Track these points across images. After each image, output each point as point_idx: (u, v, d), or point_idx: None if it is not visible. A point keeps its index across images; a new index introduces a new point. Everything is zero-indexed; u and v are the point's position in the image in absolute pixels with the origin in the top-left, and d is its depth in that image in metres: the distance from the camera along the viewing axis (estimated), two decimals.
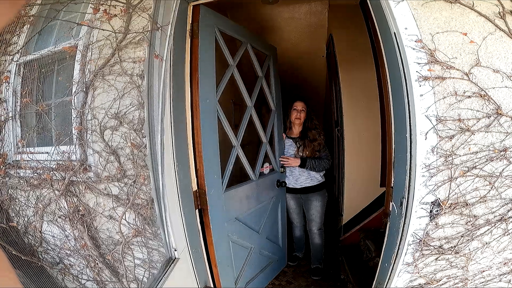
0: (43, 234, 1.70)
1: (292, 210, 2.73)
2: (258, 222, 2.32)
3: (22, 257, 1.53)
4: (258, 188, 2.29)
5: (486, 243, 1.31)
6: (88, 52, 1.49)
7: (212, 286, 1.89)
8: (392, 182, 1.51)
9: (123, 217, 1.47)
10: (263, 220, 2.38)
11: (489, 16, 1.17)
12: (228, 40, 2.00)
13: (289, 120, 2.65)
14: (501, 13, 1.16)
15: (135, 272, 1.55)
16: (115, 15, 1.45)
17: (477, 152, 1.22)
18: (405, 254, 1.34)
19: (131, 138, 1.42)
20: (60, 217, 1.60)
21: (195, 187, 1.73)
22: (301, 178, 2.56)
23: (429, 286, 1.39)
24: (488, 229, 1.29)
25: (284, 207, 2.69)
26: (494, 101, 1.19)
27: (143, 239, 1.52)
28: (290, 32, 3.37)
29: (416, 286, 1.40)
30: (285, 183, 2.58)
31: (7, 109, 1.69)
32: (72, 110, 1.50)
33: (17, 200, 1.71)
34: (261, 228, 2.35)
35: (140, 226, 1.50)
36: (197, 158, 1.72)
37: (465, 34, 1.18)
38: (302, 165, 2.49)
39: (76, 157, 1.52)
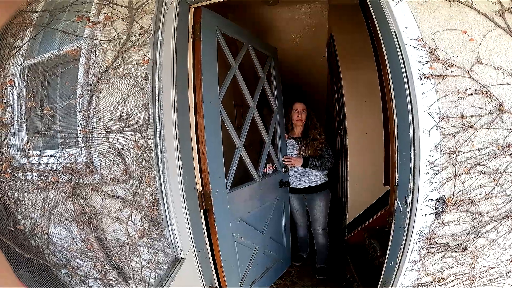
0: (50, 236, 1.72)
1: (296, 210, 2.73)
2: (262, 222, 2.33)
3: (25, 255, 1.54)
4: (262, 189, 2.30)
5: (493, 240, 1.30)
6: (92, 55, 1.51)
7: (217, 286, 1.90)
8: (396, 180, 1.51)
9: (129, 219, 1.49)
10: (267, 220, 2.38)
11: (488, 14, 1.18)
12: (229, 41, 2.01)
13: (290, 122, 2.66)
14: (500, 11, 1.17)
15: (142, 273, 1.56)
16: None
17: (481, 148, 1.22)
18: (411, 252, 1.34)
19: (136, 140, 1.44)
20: (66, 219, 1.62)
21: (199, 188, 1.74)
22: (304, 178, 2.57)
23: (436, 284, 1.39)
24: (494, 226, 1.28)
25: (288, 207, 2.69)
26: (496, 98, 1.19)
27: (149, 240, 1.53)
28: (290, 33, 3.39)
29: (422, 284, 1.40)
30: (288, 183, 2.59)
31: (13, 113, 1.71)
32: (77, 113, 1.51)
33: (23, 202, 1.72)
34: (265, 228, 2.36)
35: (146, 227, 1.51)
36: (201, 159, 1.73)
37: (465, 32, 1.19)
38: (304, 165, 2.50)
39: (82, 159, 1.53)
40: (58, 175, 1.57)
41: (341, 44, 2.81)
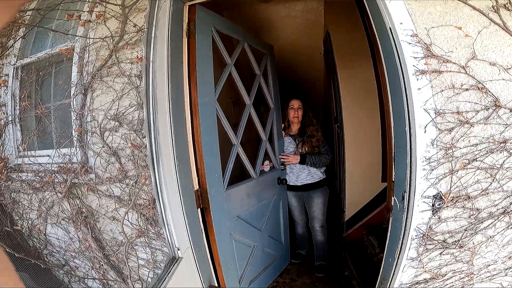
0: (47, 237, 1.71)
1: (294, 207, 2.73)
2: (260, 220, 2.33)
3: (25, 258, 1.54)
4: (259, 186, 2.29)
5: (490, 237, 1.30)
6: (86, 53, 1.49)
7: (216, 285, 1.89)
8: (393, 177, 1.50)
9: (126, 218, 1.48)
10: (265, 218, 2.38)
11: (483, 10, 1.17)
12: (224, 39, 2.00)
13: (287, 119, 2.65)
14: (495, 7, 1.16)
15: (139, 272, 1.55)
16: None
17: (477, 144, 1.22)
18: (409, 249, 1.34)
19: (131, 138, 1.43)
20: (63, 219, 1.61)
21: (196, 186, 1.73)
22: (301, 175, 2.56)
23: (434, 281, 1.39)
24: (492, 222, 1.28)
25: (286, 205, 2.69)
26: (492, 94, 1.18)
27: (146, 239, 1.53)
28: (287, 30, 3.38)
29: (421, 281, 1.40)
30: (286, 181, 2.58)
31: (7, 113, 1.70)
32: (72, 112, 1.50)
33: (20, 203, 1.72)
34: (263, 226, 2.35)
35: (143, 227, 1.50)
36: (197, 157, 1.72)
37: (460, 28, 1.18)
38: (302, 162, 2.49)
39: (77, 159, 1.53)
40: (53, 175, 1.56)
41: (337, 41, 2.80)
